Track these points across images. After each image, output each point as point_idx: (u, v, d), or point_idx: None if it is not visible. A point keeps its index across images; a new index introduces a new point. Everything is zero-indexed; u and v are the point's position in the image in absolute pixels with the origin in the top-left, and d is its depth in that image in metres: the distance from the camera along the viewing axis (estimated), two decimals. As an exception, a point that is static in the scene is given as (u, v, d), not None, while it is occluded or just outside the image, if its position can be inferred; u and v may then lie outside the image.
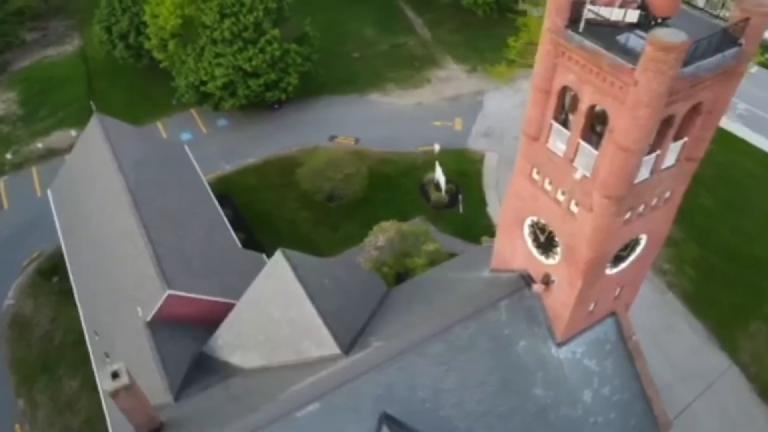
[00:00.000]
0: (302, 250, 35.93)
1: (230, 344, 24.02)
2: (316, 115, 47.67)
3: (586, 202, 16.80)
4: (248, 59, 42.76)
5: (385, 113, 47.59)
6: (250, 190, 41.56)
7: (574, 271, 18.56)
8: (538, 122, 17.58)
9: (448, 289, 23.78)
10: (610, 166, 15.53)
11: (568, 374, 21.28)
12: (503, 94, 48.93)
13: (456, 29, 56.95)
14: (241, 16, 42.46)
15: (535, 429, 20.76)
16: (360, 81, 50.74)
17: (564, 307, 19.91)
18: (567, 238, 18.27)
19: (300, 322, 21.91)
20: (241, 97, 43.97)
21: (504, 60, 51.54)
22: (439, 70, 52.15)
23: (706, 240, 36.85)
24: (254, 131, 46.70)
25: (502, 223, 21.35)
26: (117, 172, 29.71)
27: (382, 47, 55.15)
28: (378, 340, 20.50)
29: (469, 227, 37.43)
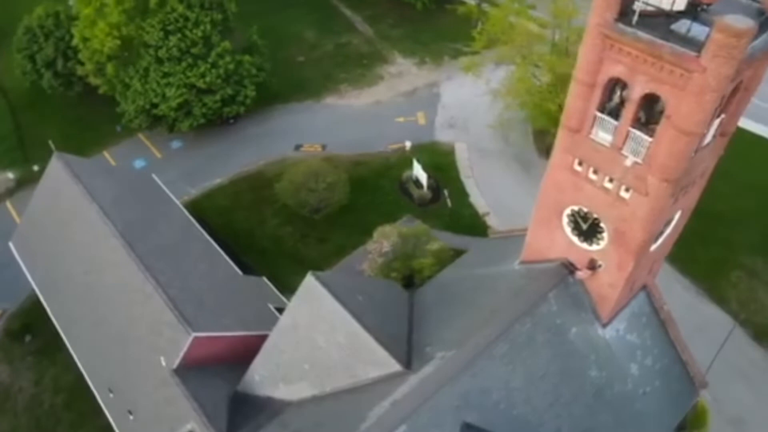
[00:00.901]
0: (293, 267, 35.67)
1: (270, 378, 22.99)
2: (274, 125, 46.24)
3: (641, 187, 17.31)
4: (201, 75, 40.72)
5: (346, 115, 46.91)
6: (224, 212, 39.78)
7: (625, 253, 19.15)
8: (581, 114, 17.87)
9: (482, 286, 23.89)
10: (669, 151, 16.07)
11: (616, 352, 22.03)
12: (457, 84, 49.43)
13: (397, 24, 56.89)
14: (187, 31, 40.32)
15: (596, 410, 21.37)
16: (312, 86, 49.65)
17: (612, 288, 20.53)
18: (617, 224, 18.78)
19: (349, 344, 21.28)
20: (198, 116, 41.89)
21: (456, 51, 52.66)
22: (389, 66, 51.96)
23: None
24: (213, 150, 44.66)
25: (538, 216, 21.63)
26: (99, 214, 27.50)
27: (326, 48, 54.19)
28: (438, 349, 20.28)
29: (457, 220, 37.75)
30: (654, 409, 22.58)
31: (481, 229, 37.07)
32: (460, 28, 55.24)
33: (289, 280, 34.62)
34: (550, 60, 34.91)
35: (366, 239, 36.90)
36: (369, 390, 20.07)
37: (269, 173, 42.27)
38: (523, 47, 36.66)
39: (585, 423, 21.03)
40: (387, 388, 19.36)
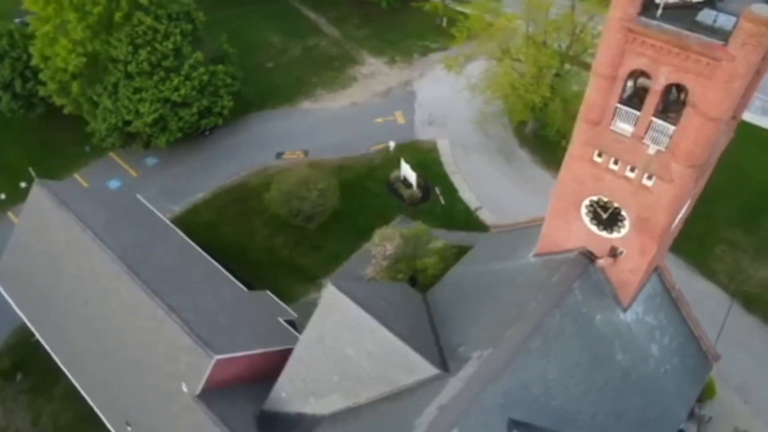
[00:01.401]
0: (291, 277, 35.21)
1: (298, 393, 22.60)
2: (252, 134, 45.34)
3: (666, 174, 17.81)
4: (174, 89, 39.50)
5: (324, 119, 46.43)
6: (212, 227, 38.75)
7: (649, 239, 19.68)
8: (602, 107, 18.23)
9: (500, 282, 24.11)
10: (695, 138, 16.58)
11: (637, 334, 22.64)
12: (431, 81, 49.67)
13: (362, 23, 56.63)
14: (157, 44, 39.03)
15: (624, 392, 21.93)
16: (285, 91, 48.90)
17: (633, 273, 21.08)
18: (640, 211, 19.27)
19: (380, 351, 21.13)
20: (174, 130, 40.63)
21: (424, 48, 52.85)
22: (360, 67, 51.69)
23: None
24: (191, 164, 43.44)
25: (554, 208, 21.98)
26: (94, 240, 26.32)
27: (294, 53, 53.45)
28: (472, 349, 20.36)
29: (450, 217, 37.94)
30: (675, 386, 23.35)
31: (476, 224, 37.47)
32: (425, 25, 55.71)
33: (289, 291, 34.32)
34: (532, 53, 35.42)
35: (361, 243, 36.95)
36: (408, 397, 19.99)
37: (253, 184, 41.47)
38: (503, 42, 37.07)
39: (617, 406, 21.57)
40: (428, 393, 19.32)
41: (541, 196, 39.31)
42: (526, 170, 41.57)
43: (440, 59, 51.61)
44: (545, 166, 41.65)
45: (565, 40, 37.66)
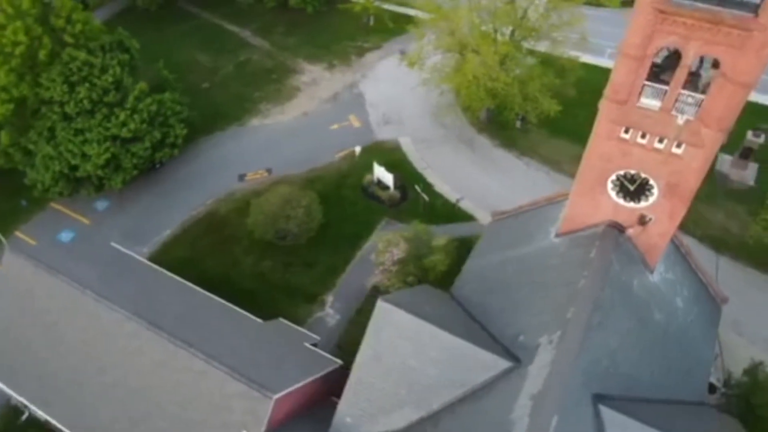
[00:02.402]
0: (291, 299, 34.35)
1: (364, 415, 22.14)
2: (206, 160, 43.27)
3: (697, 140, 19.16)
4: (122, 124, 36.83)
5: (278, 134, 45.16)
6: (190, 263, 36.62)
7: (679, 202, 21.10)
8: (629, 86, 19.24)
9: (531, 266, 24.83)
10: (726, 104, 17.98)
11: (665, 292, 24.22)
12: (374, 81, 49.74)
13: (289, 31, 55.49)
14: (95, 78, 36.23)
15: (667, 347, 23.41)
16: (229, 111, 47.03)
17: (662, 237, 22.54)
18: (670, 178, 20.58)
19: (445, 356, 21.19)
20: (129, 168, 37.91)
21: (360, 49, 52.71)
22: (300, 76, 50.70)
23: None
24: (148, 201, 40.76)
25: (580, 189, 22.91)
26: (100, 301, 24.24)
27: (226, 70, 51.46)
28: (536, 335, 20.89)
29: (434, 211, 38.26)
30: (701, 332, 25.22)
31: (461, 215, 38.16)
32: (353, 25, 55.62)
33: (293, 315, 33.26)
34: (490, 43, 36.40)
35: (353, 252, 36.64)
36: (487, 395, 20.20)
37: (222, 211, 39.71)
38: (461, 36, 37.80)
39: (665, 361, 22.97)
40: (510, 387, 19.65)
41: (512, 177, 41.15)
42: (490, 154, 42.80)
43: (378, 59, 52.31)
44: (506, 148, 43.14)
45: (509, 26, 39.01)
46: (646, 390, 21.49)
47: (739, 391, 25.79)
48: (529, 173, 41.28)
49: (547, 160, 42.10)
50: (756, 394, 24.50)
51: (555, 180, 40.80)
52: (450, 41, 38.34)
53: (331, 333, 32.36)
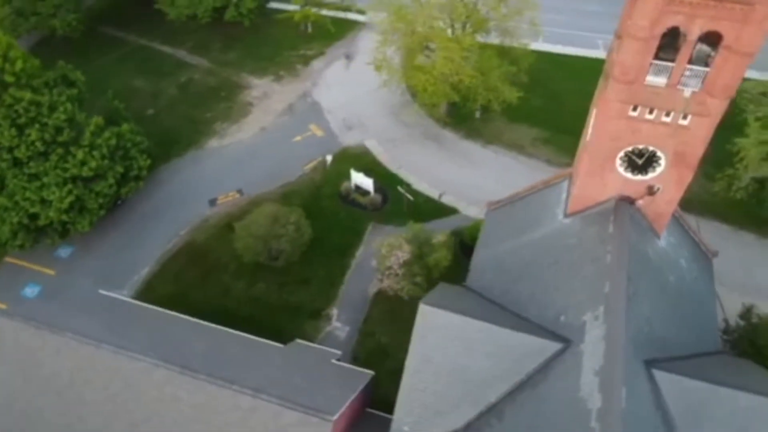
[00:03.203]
0: (295, 319, 33.83)
1: (421, 421, 22.12)
2: (169, 189, 41.33)
3: (704, 110, 20.56)
4: (81, 163, 34.48)
5: (240, 153, 43.84)
6: (178, 299, 34.90)
7: (686, 169, 22.53)
8: (637, 67, 20.33)
9: (547, 248, 25.56)
10: (732, 73, 19.43)
11: (671, 255, 25.79)
12: (326, 88, 49.39)
13: (227, 47, 53.92)
14: (45, 118, 33.71)
15: (683, 307, 24.92)
16: (183, 135, 45.13)
17: (669, 204, 23.99)
18: (677, 148, 21.91)
19: (496, 349, 21.56)
20: (95, 209, 35.54)
21: (304, 57, 52.03)
22: (249, 90, 49.41)
23: (559, 128, 44.90)
24: (116, 240, 38.41)
25: (588, 169, 23.88)
26: (120, 353, 22.76)
27: (169, 93, 49.30)
28: (578, 314, 21.66)
29: (418, 209, 38.53)
30: (704, 287, 27.06)
31: (446, 209, 38.70)
32: (292, 34, 55.01)
33: (302, 334, 32.56)
34: (455, 40, 37.12)
35: (346, 262, 36.31)
36: (546, 379, 20.75)
37: (200, 239, 38.13)
38: (422, 37, 38.29)
39: (683, 321, 24.46)
40: (569, 367, 20.30)
41: (483, 166, 42.19)
42: (457, 147, 43.68)
43: (324, 65, 52.05)
44: (472, 139, 44.19)
45: (462, 21, 39.96)
46: (675, 349, 22.80)
47: (739, 335, 27.93)
48: (498, 160, 42.51)
49: (512, 145, 43.53)
50: (761, 335, 26.66)
51: (524, 164, 42.34)
52: (412, 41, 38.72)
53: (345, 345, 31.93)
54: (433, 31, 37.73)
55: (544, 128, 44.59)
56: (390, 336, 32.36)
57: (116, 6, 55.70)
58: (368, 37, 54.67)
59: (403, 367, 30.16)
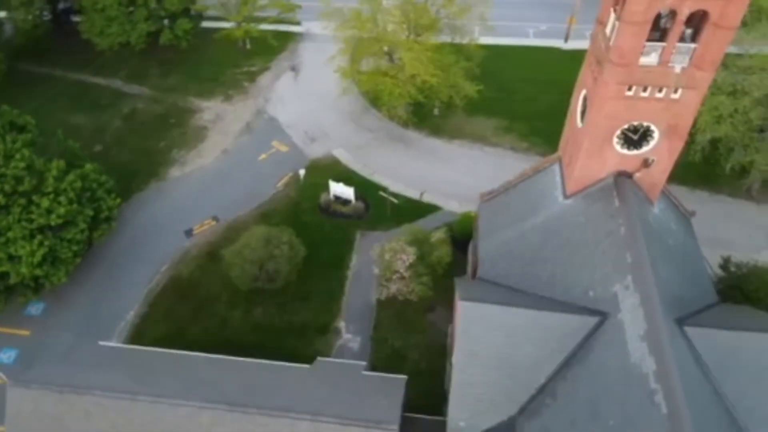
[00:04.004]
0: (303, 338, 33.65)
1: (476, 414, 22.70)
2: (139, 225, 39.28)
3: (692, 83, 22.36)
4: (48, 212, 32.23)
5: (206, 178, 42.40)
6: (175, 337, 33.32)
7: (677, 139, 24.35)
8: (633, 50, 21.80)
9: (555, 230, 26.70)
10: (718, 47, 21.30)
11: (664, 220, 27.73)
12: (279, 102, 48.72)
13: (166, 71, 51.85)
14: (2, 168, 31.29)
15: (683, 266, 26.86)
16: (140, 168, 43.00)
17: (663, 173, 25.79)
18: (670, 119, 23.64)
19: (539, 333, 22.49)
20: (69, 258, 33.25)
21: (248, 74, 51.08)
22: (201, 114, 47.82)
23: (515, 116, 46.80)
24: (91, 287, 36.07)
25: (588, 151, 25.19)
26: (160, 402, 21.67)
27: (114, 126, 46.83)
28: (606, 287, 22.90)
29: (403, 212, 38.88)
30: (691, 246, 29.21)
31: (430, 207, 39.31)
32: (232, 52, 53.84)
33: (313, 352, 32.06)
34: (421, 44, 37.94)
35: (344, 273, 36.26)
36: (592, 352, 21.80)
37: (185, 273, 36.66)
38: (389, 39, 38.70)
39: (687, 280, 26.34)
40: (612, 336, 21.45)
41: (453, 161, 43.22)
42: (424, 145, 44.48)
43: (272, 80, 51.39)
44: (436, 136, 45.19)
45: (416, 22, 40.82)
46: (689, 306, 24.65)
47: (726, 284, 30.44)
48: (465, 153, 43.72)
49: (475, 137, 44.90)
50: (747, 282, 29.21)
51: (489, 153, 43.81)
52: (372, 47, 39.07)
53: (360, 356, 31.81)
54: (394, 35, 38.27)
55: (502, 117, 46.29)
56: (402, 339, 32.61)
57: (36, 40, 51.87)
58: (309, 47, 54.82)
59: (421, 369, 31.04)
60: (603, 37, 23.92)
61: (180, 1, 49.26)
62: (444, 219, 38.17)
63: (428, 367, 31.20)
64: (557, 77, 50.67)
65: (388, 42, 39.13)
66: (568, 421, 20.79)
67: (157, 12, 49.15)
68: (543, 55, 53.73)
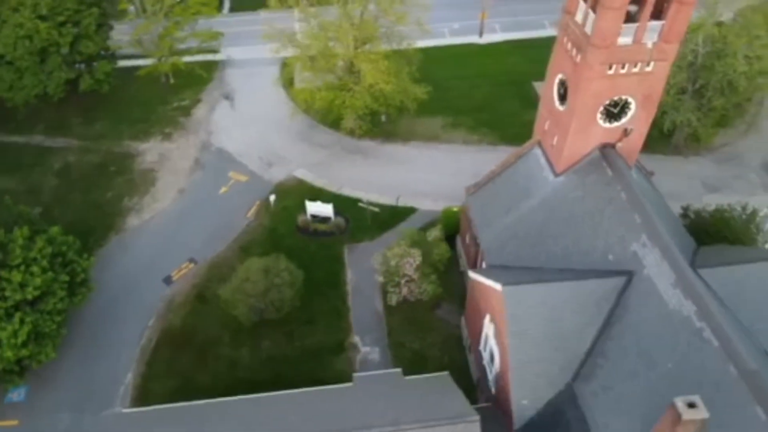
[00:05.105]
0: (319, 359, 33.69)
1: (537, 389, 23.96)
2: (110, 282, 36.34)
3: (663, 55, 25.15)
4: (21, 286, 29.48)
5: (169, 223, 40.38)
6: (184, 391, 31.28)
7: (651, 107, 27.19)
8: (614, 32, 24.15)
9: (555, 207, 28.70)
10: (683, 21, 24.16)
11: (641, 181, 30.62)
12: (226, 133, 47.37)
13: (91, 118, 48.57)
14: (-40, 248, 28.37)
15: (668, 222, 29.62)
16: (93, 224, 39.98)
17: (639, 139, 28.62)
18: (645, 90, 26.36)
19: (577, 302, 24.24)
20: (53, 332, 30.57)
21: (181, 109, 49.41)
22: (142, 157, 45.39)
23: (457, 111, 48.93)
24: (77, 358, 33.19)
25: (575, 129, 27.38)
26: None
27: (50, 184, 43.25)
28: (624, 248, 25.07)
29: (384, 219, 39.47)
30: (662, 201, 32.44)
31: (408, 210, 40.21)
32: (156, 89, 51.84)
33: (336, 370, 31.99)
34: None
35: (344, 289, 36.26)
36: (629, 308, 23.75)
37: (177, 321, 34.97)
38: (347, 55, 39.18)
39: (670, 228, 29.26)
40: (644, 288, 23.54)
41: (414, 163, 44.53)
42: (382, 153, 45.36)
43: (207, 111, 50.22)
44: (391, 142, 46.25)
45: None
46: (685, 253, 27.51)
47: (692, 230, 34.07)
48: (422, 153, 45.16)
49: (428, 137, 46.51)
50: (711, 225, 32.93)
51: (444, 150, 45.59)
52: (330, 63, 39.40)
53: (383, 364, 32.10)
54: (348, 48, 38.87)
55: (446, 114, 48.24)
56: (419, 340, 33.33)
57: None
58: (236, 73, 53.93)
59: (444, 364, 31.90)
60: (576, 24, 26.20)
61: (95, 44, 46.59)
62: (423, 219, 39.33)
63: (450, 361, 32.15)
64: (483, 70, 54.14)
65: (345, 56, 39.65)
66: (627, 374, 22.59)
67: (71, 57, 46.12)
68: (463, 51, 56.58)
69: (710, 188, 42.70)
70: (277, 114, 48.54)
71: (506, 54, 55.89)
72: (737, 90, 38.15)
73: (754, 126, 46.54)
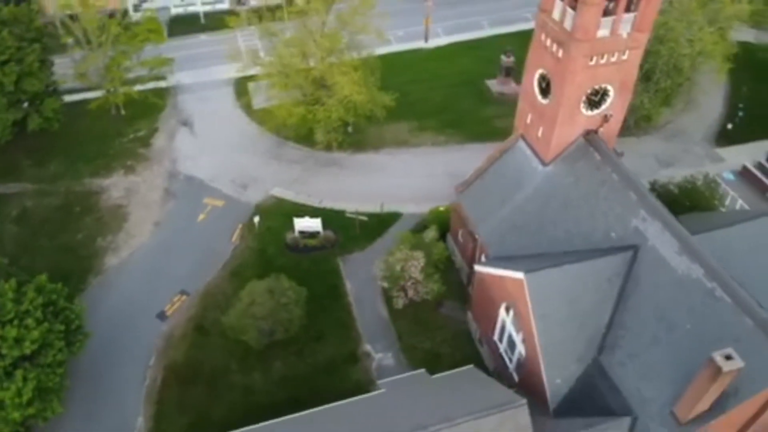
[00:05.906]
0: (335, 373, 33.67)
1: (567, 365, 25.24)
2: (100, 324, 34.18)
3: (636, 44, 27.25)
4: (17, 341, 27.67)
5: (151, 257, 38.97)
6: (200, 426, 30.78)
7: (626, 91, 29.31)
8: (594, 26, 25.95)
9: (549, 194, 30.29)
10: (652, 11, 26.32)
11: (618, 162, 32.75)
12: (192, 161, 46.15)
13: (42, 159, 45.89)
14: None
15: (646, 194, 32.09)
16: (69, 269, 37.82)
17: (617, 124, 30.73)
18: (622, 78, 28.43)
19: (590, 280, 25.69)
20: (56, 385, 28.90)
21: (138, 140, 47.88)
22: (107, 194, 43.37)
23: (419, 114, 50.13)
24: (77, 408, 31.34)
25: (562, 120, 29.10)
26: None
27: (10, 231, 40.53)
28: (626, 225, 26.81)
29: (372, 228, 39.88)
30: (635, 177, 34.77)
31: (392, 216, 40.83)
32: (109, 122, 50.08)
33: (353, 380, 32.12)
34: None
35: (346, 300, 36.46)
36: (642, 279, 25.39)
37: (180, 357, 33.87)
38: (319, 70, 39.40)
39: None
40: (653, 261, 25.31)
41: (390, 169, 45.60)
42: (355, 162, 45.82)
43: (167, 140, 49.01)
44: (363, 152, 46.91)
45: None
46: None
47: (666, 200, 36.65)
48: (396, 159, 46.04)
49: (397, 142, 47.44)
50: (683, 197, 35.64)
51: (415, 153, 46.73)
52: (300, 78, 39.48)
53: (399, 369, 32.47)
54: (322, 61, 39.16)
55: (410, 119, 49.30)
56: (429, 340, 34.00)
57: None
58: (188, 98, 52.94)
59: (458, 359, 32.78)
60: (554, 22, 27.86)
61: (39, 80, 44.43)
62: (410, 222, 40.14)
63: (463, 356, 32.95)
64: (436, 73, 55.78)
65: (318, 70, 39.83)
66: (649, 341, 24.23)
67: (15, 97, 43.70)
68: (412, 57, 58.06)
69: (664, 164, 46.00)
70: (240, 135, 48.10)
71: (454, 56, 57.84)
72: (682, 71, 41.53)
73: (692, 102, 50.60)
